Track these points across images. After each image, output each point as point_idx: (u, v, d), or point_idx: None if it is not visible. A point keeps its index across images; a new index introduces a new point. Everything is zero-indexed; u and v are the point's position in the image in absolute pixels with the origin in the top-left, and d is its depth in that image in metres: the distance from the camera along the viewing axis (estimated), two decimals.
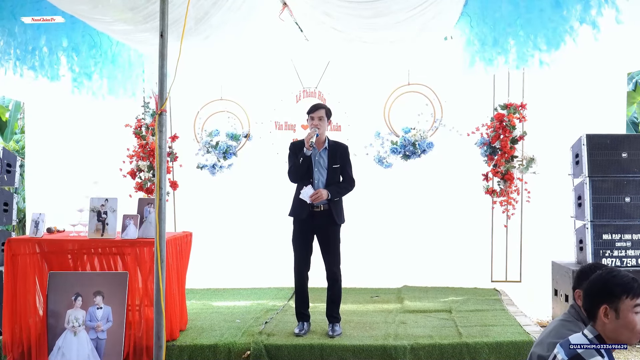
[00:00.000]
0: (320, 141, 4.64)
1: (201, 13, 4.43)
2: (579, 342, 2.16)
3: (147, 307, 4.31)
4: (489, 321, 4.89)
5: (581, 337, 2.21)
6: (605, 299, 2.15)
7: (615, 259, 4.98)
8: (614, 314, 2.13)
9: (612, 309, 2.14)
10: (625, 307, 2.13)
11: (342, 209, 4.73)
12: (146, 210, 4.44)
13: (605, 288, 2.16)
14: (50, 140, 6.77)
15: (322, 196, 4.50)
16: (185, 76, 5.85)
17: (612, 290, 2.15)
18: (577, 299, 2.69)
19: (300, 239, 4.68)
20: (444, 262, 6.39)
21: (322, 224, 4.61)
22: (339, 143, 4.78)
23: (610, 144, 5.09)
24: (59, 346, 4.17)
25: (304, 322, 4.69)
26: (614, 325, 2.14)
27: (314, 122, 4.57)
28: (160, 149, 3.55)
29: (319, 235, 4.68)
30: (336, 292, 4.69)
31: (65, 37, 5.56)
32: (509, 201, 6.07)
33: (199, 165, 6.58)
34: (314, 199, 4.49)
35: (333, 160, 4.62)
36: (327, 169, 4.62)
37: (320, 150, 4.65)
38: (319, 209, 4.57)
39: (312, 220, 4.60)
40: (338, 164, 4.63)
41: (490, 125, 6.09)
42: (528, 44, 5.01)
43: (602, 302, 2.15)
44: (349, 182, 4.70)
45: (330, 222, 4.61)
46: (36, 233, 4.46)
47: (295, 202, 4.69)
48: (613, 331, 2.15)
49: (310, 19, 5.17)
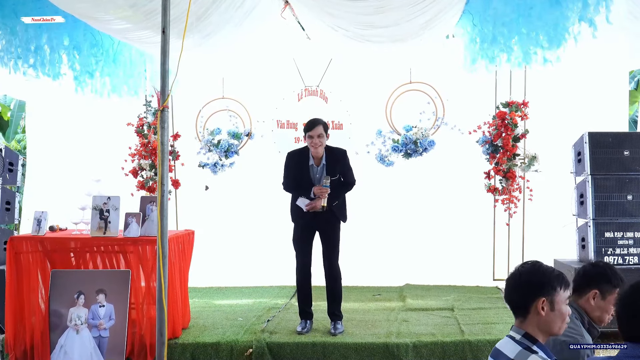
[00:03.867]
0: (317, 157, 4.63)
1: (202, 10, 4.43)
2: (511, 348, 2.15)
3: (150, 305, 4.31)
4: (491, 319, 4.90)
5: (508, 340, 2.20)
6: (544, 292, 2.15)
7: (617, 257, 4.97)
8: (549, 306, 2.15)
9: (548, 302, 2.15)
10: (560, 299, 2.17)
11: (344, 208, 4.76)
12: (148, 208, 4.44)
13: (544, 281, 2.17)
14: (53, 138, 6.78)
15: (317, 207, 4.52)
16: (187, 74, 5.85)
17: (551, 283, 2.16)
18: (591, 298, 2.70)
19: (302, 237, 4.71)
20: (446, 260, 6.39)
21: (323, 221, 4.64)
22: (335, 151, 4.71)
23: (612, 142, 5.07)
24: (62, 344, 4.18)
25: (306, 320, 4.71)
26: (549, 317, 2.16)
27: (313, 141, 4.53)
28: (162, 145, 3.55)
29: (320, 231, 4.71)
30: (337, 289, 4.72)
31: (67, 36, 5.56)
32: (510, 199, 6.06)
33: (201, 163, 6.58)
34: (309, 208, 4.54)
35: (332, 173, 4.60)
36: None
37: (318, 167, 4.64)
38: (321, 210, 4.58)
39: (313, 218, 4.63)
40: (337, 175, 4.62)
41: (492, 124, 6.08)
42: (531, 42, 4.99)
43: (540, 295, 2.15)
44: (348, 184, 4.73)
45: (332, 219, 4.65)
46: (39, 231, 4.46)
47: (294, 209, 4.71)
48: (546, 323, 2.16)
49: (312, 17, 5.17)
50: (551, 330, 2.18)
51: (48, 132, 6.83)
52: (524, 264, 2.29)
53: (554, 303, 2.16)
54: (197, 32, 4.84)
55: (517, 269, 2.27)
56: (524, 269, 2.24)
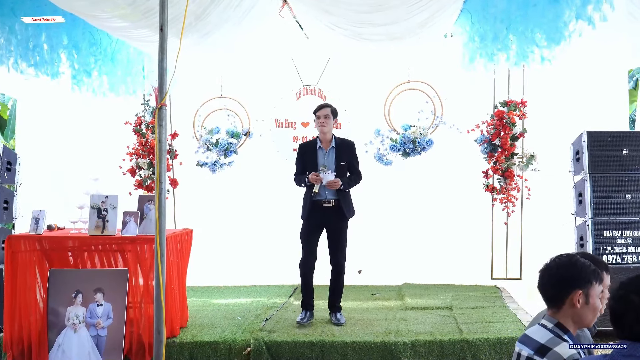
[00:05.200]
0: (327, 140, 4.77)
1: (200, 9, 4.43)
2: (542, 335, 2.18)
3: (148, 304, 4.30)
4: (490, 318, 4.90)
5: (539, 328, 2.24)
6: (580, 285, 2.20)
7: (616, 256, 4.97)
8: (584, 299, 2.19)
9: (584, 294, 2.19)
10: (595, 293, 2.22)
11: (351, 202, 4.85)
12: (146, 207, 4.43)
13: (581, 274, 2.21)
14: (51, 137, 6.76)
15: (337, 185, 4.63)
16: (185, 73, 5.85)
17: (587, 277, 2.20)
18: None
19: (310, 232, 4.78)
20: (445, 259, 6.39)
21: (331, 217, 4.73)
22: (345, 140, 4.93)
23: (610, 141, 5.07)
24: (59, 343, 4.17)
25: (307, 311, 4.81)
26: (582, 310, 2.20)
27: (320, 121, 4.71)
28: (160, 143, 3.54)
29: (328, 228, 4.78)
30: (340, 283, 4.86)
31: (65, 35, 5.56)
32: (509, 198, 6.06)
33: (199, 162, 6.58)
34: (330, 185, 4.60)
35: (340, 159, 4.76)
36: (334, 168, 4.73)
37: (327, 150, 4.77)
38: (329, 204, 4.69)
39: (322, 215, 4.72)
40: (345, 162, 4.77)
41: (490, 123, 6.08)
42: (529, 40, 5.00)
43: (577, 287, 2.19)
44: (357, 175, 4.88)
45: (340, 215, 4.74)
46: (36, 230, 4.45)
47: (306, 204, 4.77)
48: (579, 316, 2.21)
49: (310, 16, 5.16)
50: (583, 322, 2.23)
51: (46, 131, 6.82)
52: (559, 256, 2.31)
53: (588, 297, 2.20)
54: (196, 32, 4.83)
55: (554, 262, 2.29)
56: (560, 261, 2.27)
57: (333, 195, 4.71)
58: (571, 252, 3.48)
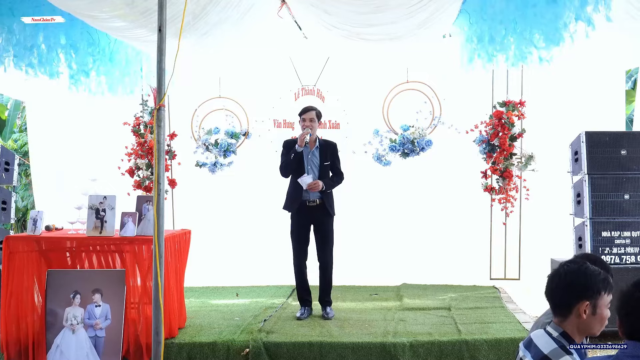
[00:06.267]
0: (311, 140, 4.99)
1: (199, 9, 4.42)
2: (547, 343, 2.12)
3: (146, 305, 4.29)
4: (488, 318, 4.89)
5: (544, 334, 2.17)
6: (588, 295, 2.10)
7: (614, 256, 4.97)
8: (592, 309, 2.11)
9: (591, 305, 2.10)
10: (603, 303, 2.12)
11: (333, 201, 5.07)
12: (144, 207, 4.42)
13: (590, 284, 2.11)
14: (49, 138, 6.75)
15: (318, 187, 4.87)
16: (183, 74, 5.83)
17: (596, 287, 2.11)
18: None
19: (299, 231, 5.00)
20: (443, 259, 6.39)
21: (318, 216, 4.98)
22: (328, 141, 5.18)
23: (609, 141, 5.07)
24: (57, 344, 4.16)
25: (305, 307, 5.04)
26: (589, 320, 2.12)
27: (305, 123, 4.98)
28: (158, 144, 3.54)
29: (315, 226, 5.01)
30: (328, 278, 5.06)
31: (64, 35, 5.55)
32: (507, 199, 6.06)
33: (198, 163, 6.56)
34: (311, 187, 4.83)
35: (324, 158, 5.02)
36: (319, 167, 5.01)
37: (312, 149, 5.00)
38: (314, 203, 4.92)
39: (309, 214, 4.94)
40: (328, 161, 5.04)
41: (489, 123, 6.08)
42: (527, 41, 5.00)
43: (584, 298, 2.10)
44: (339, 176, 5.12)
45: (326, 214, 4.99)
46: (34, 231, 4.44)
47: (289, 196, 5.04)
48: (586, 326, 2.13)
49: (309, 16, 5.16)
50: (589, 332, 2.15)
51: (44, 131, 6.80)
52: (569, 262, 2.22)
53: (596, 307, 2.11)
54: (194, 32, 4.83)
55: (562, 267, 2.19)
56: (569, 268, 2.17)
57: (317, 195, 4.94)
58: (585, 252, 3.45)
